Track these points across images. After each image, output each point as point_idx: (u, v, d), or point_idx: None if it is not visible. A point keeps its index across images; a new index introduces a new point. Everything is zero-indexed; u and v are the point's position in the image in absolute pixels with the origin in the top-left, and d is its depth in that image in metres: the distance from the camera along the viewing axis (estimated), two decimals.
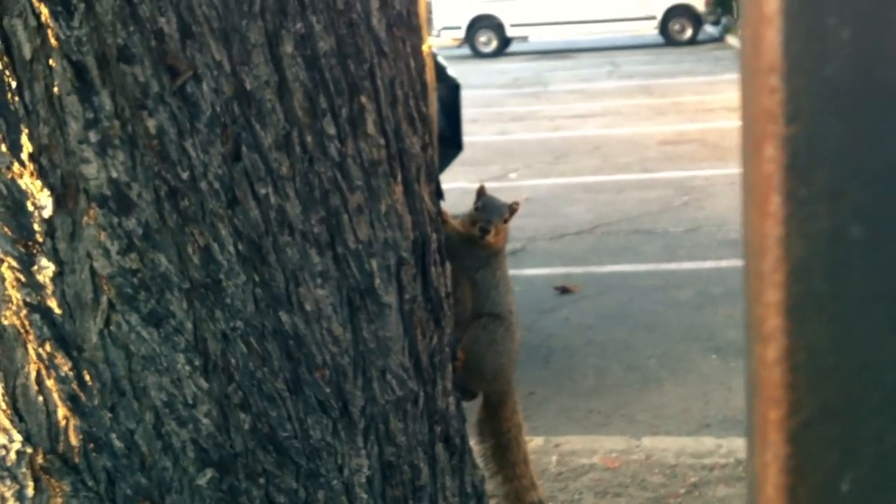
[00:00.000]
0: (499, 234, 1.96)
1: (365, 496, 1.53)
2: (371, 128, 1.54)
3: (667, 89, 13.08)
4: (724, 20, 20.04)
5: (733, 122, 10.27)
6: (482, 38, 19.89)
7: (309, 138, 1.46)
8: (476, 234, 1.92)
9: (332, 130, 1.48)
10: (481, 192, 2.00)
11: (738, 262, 5.77)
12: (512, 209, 1.99)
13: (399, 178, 1.61)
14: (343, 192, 1.50)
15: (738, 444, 3.41)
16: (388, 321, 1.57)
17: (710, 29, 20.15)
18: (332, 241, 1.50)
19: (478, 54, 19.65)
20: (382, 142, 1.56)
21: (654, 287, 5.49)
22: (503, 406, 2.08)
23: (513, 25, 19.70)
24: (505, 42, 19.92)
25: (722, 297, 5.15)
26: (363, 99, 1.52)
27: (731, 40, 18.62)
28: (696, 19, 19.16)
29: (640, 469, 3.25)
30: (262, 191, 1.42)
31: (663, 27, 19.18)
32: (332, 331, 1.49)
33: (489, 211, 1.96)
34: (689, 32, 19.09)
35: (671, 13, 19.08)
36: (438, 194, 1.80)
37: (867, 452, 0.46)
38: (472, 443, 1.98)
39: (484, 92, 13.58)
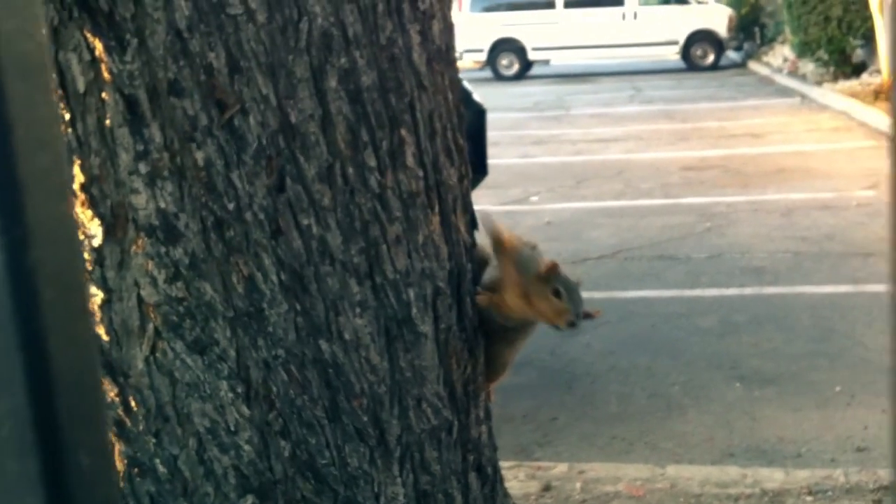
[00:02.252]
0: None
1: None
2: (410, 160, 1.57)
3: (689, 115, 13.09)
4: (746, 46, 20.05)
5: (756, 149, 10.26)
6: (504, 62, 19.99)
7: (350, 170, 1.49)
8: (560, 325, 1.70)
9: (372, 163, 1.51)
10: (555, 270, 1.73)
11: (761, 290, 5.76)
12: (587, 313, 1.76)
13: (436, 209, 1.63)
14: (382, 223, 1.53)
15: (763, 475, 3.39)
16: (423, 350, 1.59)
17: (732, 55, 20.17)
18: (371, 271, 1.52)
19: (499, 77, 19.74)
20: (421, 174, 1.59)
21: (676, 314, 5.48)
22: None
23: (535, 49, 19.79)
24: (526, 65, 20.01)
25: (745, 324, 5.14)
26: (403, 132, 1.55)
27: (754, 66, 18.63)
28: (718, 45, 19.18)
29: (665, 498, 3.24)
30: (305, 221, 1.45)
31: (685, 52, 19.21)
32: (370, 359, 1.52)
33: (574, 300, 1.70)
34: (711, 58, 19.11)
35: (693, 38, 19.11)
36: (473, 224, 1.83)
37: None
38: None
39: (505, 115, 13.63)
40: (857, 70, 14.25)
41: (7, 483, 0.43)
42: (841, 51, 14.36)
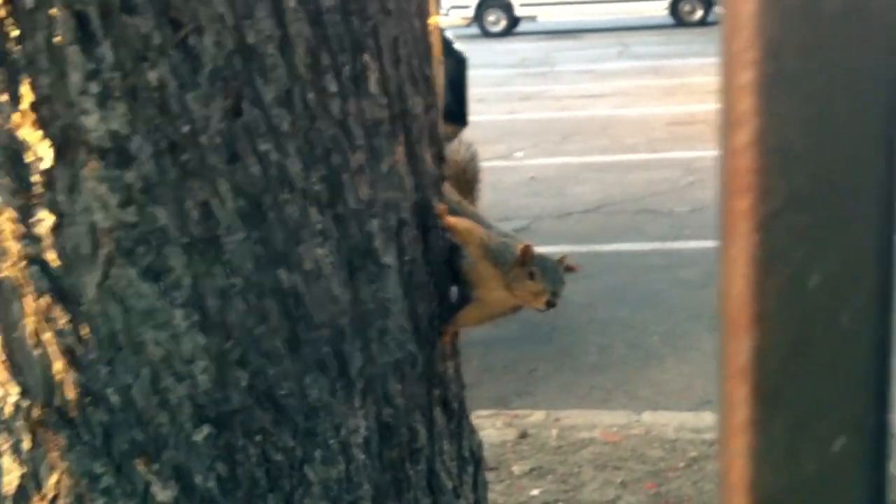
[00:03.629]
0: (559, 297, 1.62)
1: (362, 456, 1.53)
2: (374, 87, 1.53)
3: (676, 70, 13.01)
4: None
5: None
6: (491, 18, 19.79)
7: (311, 95, 1.44)
8: (540, 308, 1.60)
9: (334, 88, 1.47)
10: (528, 254, 1.60)
11: None
12: (567, 266, 1.64)
13: (401, 138, 1.59)
14: (344, 150, 1.49)
15: None
16: (387, 282, 1.56)
17: (720, 10, 20.02)
18: (333, 200, 1.48)
19: (486, 34, 19.55)
20: (385, 101, 1.55)
21: (658, 266, 5.48)
22: None
23: (522, 5, 19.60)
24: (514, 22, 19.82)
25: None
26: (366, 57, 1.51)
27: None
28: (707, 0, 19.04)
29: (640, 443, 3.25)
30: (263, 147, 1.40)
31: (674, 8, 19.07)
32: (331, 290, 1.48)
33: (550, 279, 1.59)
34: (699, 13, 18.97)
35: None
36: (440, 158, 1.79)
37: (835, 247, 0.44)
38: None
39: (492, 71, 13.52)
40: None
41: None
42: None
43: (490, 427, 3.53)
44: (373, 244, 1.53)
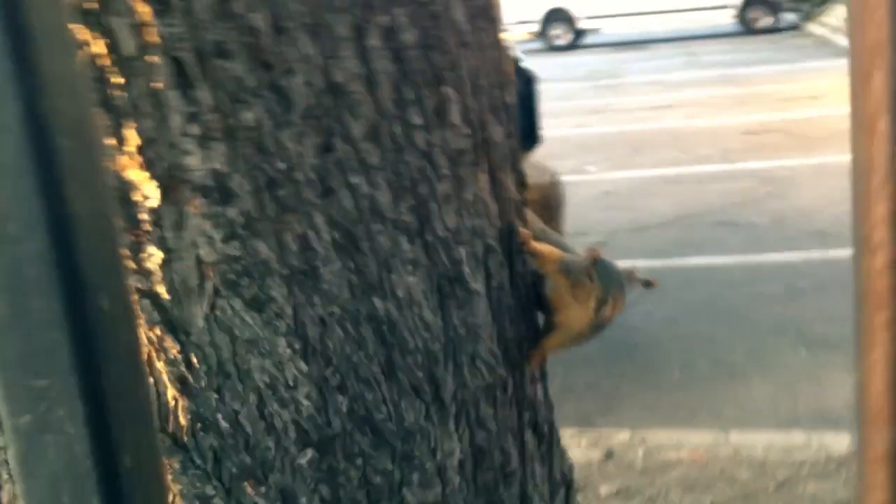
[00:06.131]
0: (616, 307, 1.64)
1: (457, 479, 1.56)
2: (456, 117, 1.57)
3: (746, 79, 12.82)
4: (803, 7, 19.55)
5: (816, 111, 10.02)
6: (555, 32, 19.80)
7: (397, 129, 1.49)
8: (590, 307, 1.63)
9: (418, 121, 1.51)
10: (595, 258, 1.64)
11: (826, 254, 5.66)
12: (630, 275, 1.67)
13: (484, 166, 1.63)
14: (431, 180, 1.53)
15: (828, 440, 3.34)
16: (476, 308, 1.59)
17: (788, 17, 19.69)
18: (422, 229, 1.53)
19: (551, 48, 19.56)
20: (467, 131, 1.59)
21: (739, 280, 5.40)
22: None
23: (586, 18, 19.57)
24: (578, 34, 19.79)
25: (811, 289, 5.04)
26: (447, 89, 1.55)
27: (811, 27, 18.16)
28: (774, 7, 18.74)
29: (729, 464, 3.21)
30: (354, 180, 1.46)
31: (741, 16, 18.81)
32: (423, 317, 1.53)
33: (605, 279, 1.63)
34: (767, 20, 18.68)
35: (749, 1, 18.70)
36: (521, 183, 1.82)
37: None
38: None
39: (559, 85, 13.51)
40: None
41: (34, 319, 0.47)
42: None
43: (575, 447, 3.52)
44: (461, 271, 1.57)
